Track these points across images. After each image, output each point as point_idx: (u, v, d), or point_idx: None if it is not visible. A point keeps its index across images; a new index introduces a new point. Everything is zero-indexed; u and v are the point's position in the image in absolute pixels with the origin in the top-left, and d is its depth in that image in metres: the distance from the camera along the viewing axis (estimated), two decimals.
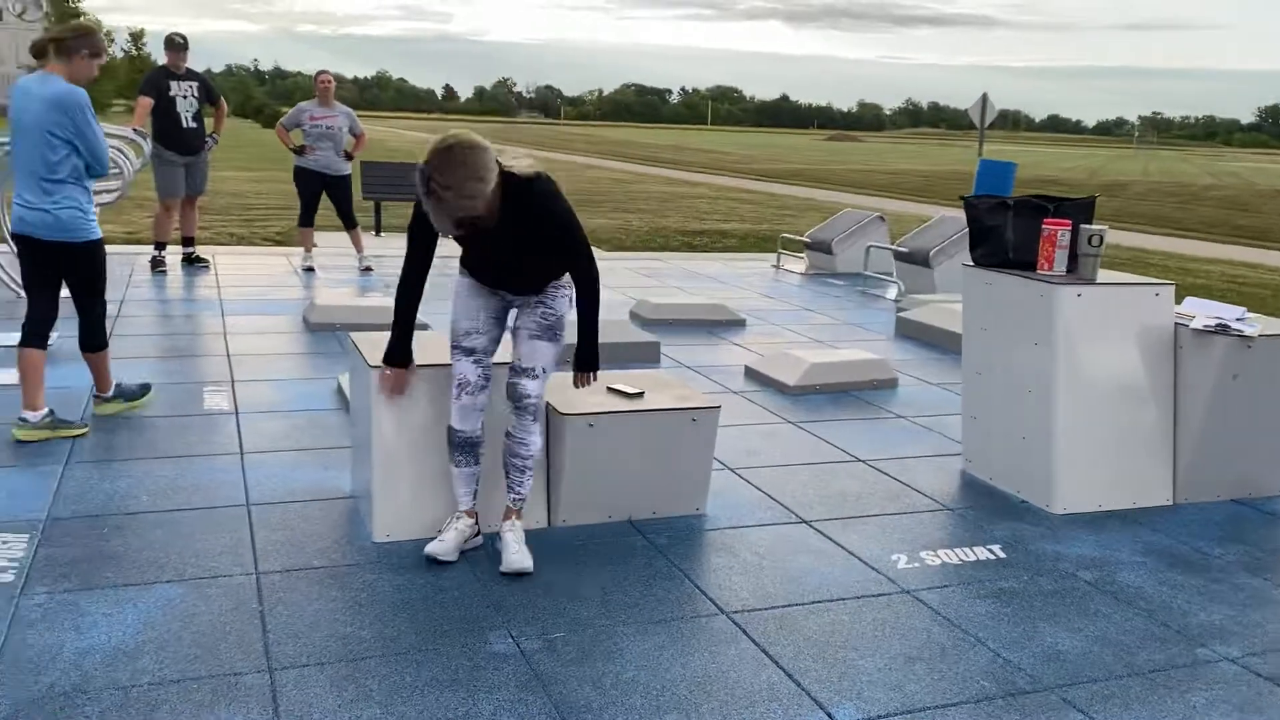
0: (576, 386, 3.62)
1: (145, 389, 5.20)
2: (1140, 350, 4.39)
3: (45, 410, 4.64)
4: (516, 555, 3.48)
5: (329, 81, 9.66)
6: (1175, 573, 3.79)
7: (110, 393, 5.07)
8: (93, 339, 4.89)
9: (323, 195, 9.70)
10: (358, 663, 2.89)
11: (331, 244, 10.92)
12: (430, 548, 3.52)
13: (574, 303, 3.48)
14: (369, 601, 3.26)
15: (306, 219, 9.83)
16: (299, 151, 9.58)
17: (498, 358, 3.63)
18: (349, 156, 9.72)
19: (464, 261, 3.54)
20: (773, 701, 2.81)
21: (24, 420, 4.60)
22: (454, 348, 3.53)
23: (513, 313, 3.60)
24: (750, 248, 13.68)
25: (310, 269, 9.80)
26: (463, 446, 3.54)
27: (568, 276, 3.51)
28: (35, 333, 4.67)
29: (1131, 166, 57.12)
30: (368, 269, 9.85)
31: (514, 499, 3.61)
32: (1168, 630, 3.34)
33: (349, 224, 9.88)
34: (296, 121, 9.61)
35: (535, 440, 3.55)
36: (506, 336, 3.65)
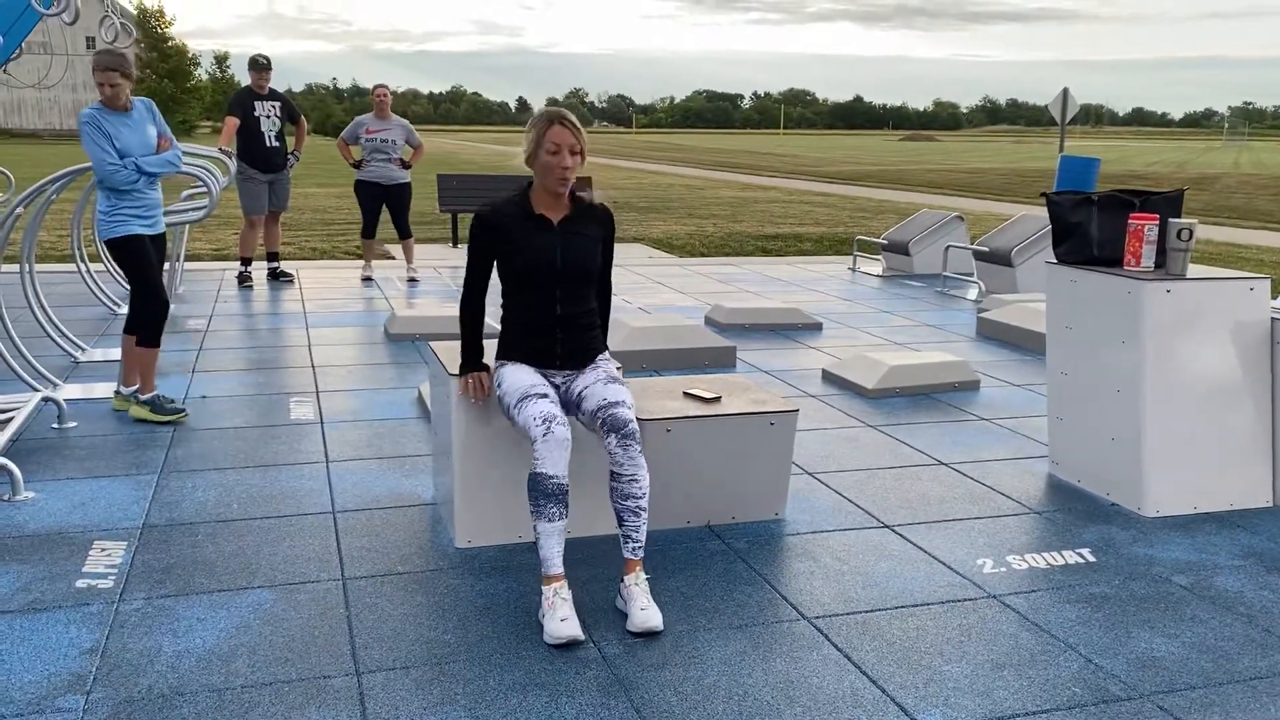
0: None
1: (178, 412, 5.27)
2: (1235, 346, 4.24)
3: (134, 387, 5.34)
4: (645, 612, 3.16)
5: (385, 95, 9.86)
6: (1276, 576, 3.65)
7: (146, 397, 5.26)
8: (143, 331, 5.25)
9: (383, 207, 9.90)
10: (443, 666, 2.93)
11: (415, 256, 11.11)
12: (561, 632, 3.07)
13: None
14: (452, 606, 3.30)
15: (369, 231, 10.04)
16: (357, 165, 9.81)
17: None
18: (406, 166, 9.90)
19: (510, 339, 3.49)
20: (857, 708, 2.77)
21: (117, 392, 5.44)
22: (522, 400, 3.31)
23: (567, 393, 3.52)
24: (825, 250, 13.56)
25: (368, 279, 10.01)
26: (556, 495, 3.17)
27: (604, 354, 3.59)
28: (130, 320, 5.35)
29: (1222, 159, 55.28)
30: (413, 280, 10.02)
31: (634, 548, 3.27)
32: (1269, 636, 3.22)
33: (403, 234, 10.07)
34: (354, 135, 9.82)
35: (646, 476, 3.28)
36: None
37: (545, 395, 3.33)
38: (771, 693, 2.83)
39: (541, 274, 3.39)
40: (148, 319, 5.22)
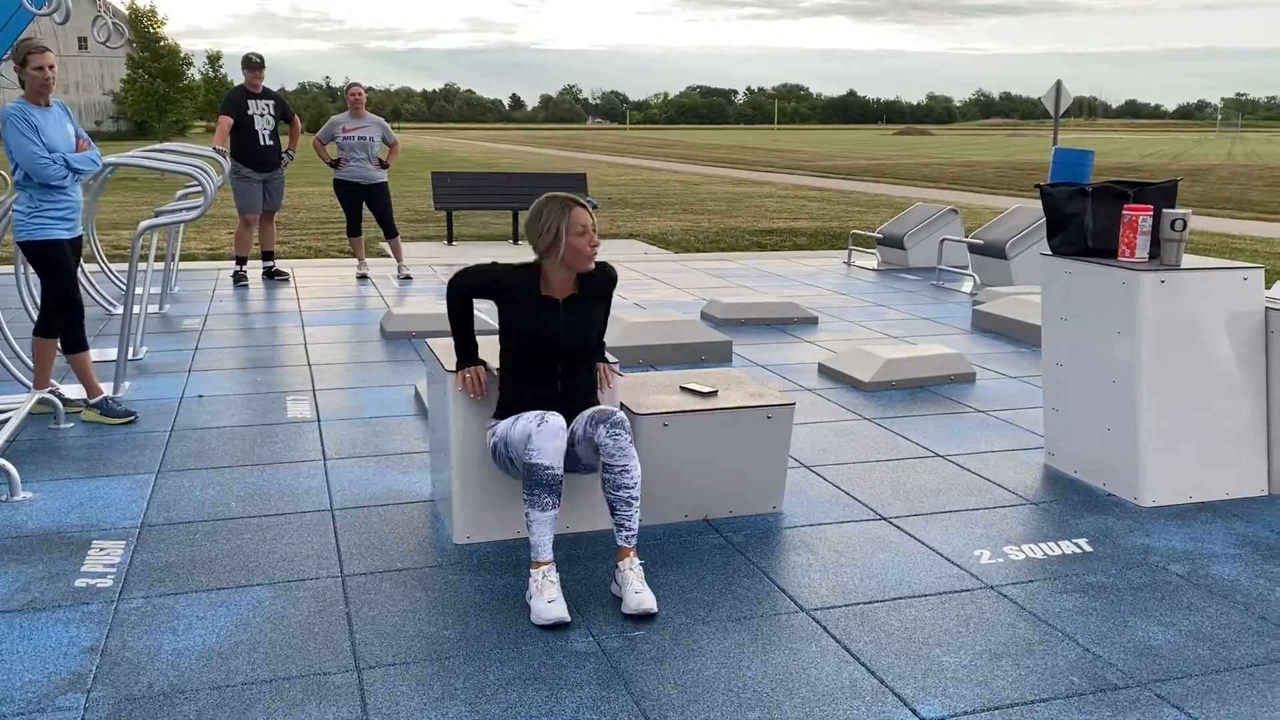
0: (605, 385, 3.73)
1: (127, 414, 5.25)
2: (1229, 336, 4.26)
3: (46, 390, 5.21)
4: (640, 595, 3.23)
5: (359, 93, 9.84)
6: (1272, 564, 3.67)
7: (94, 401, 5.23)
8: (64, 338, 5.19)
9: (363, 205, 9.88)
10: (443, 661, 2.94)
11: (409, 254, 11.10)
12: (548, 614, 3.14)
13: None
14: (452, 602, 3.31)
15: (353, 229, 10.03)
16: (335, 165, 9.78)
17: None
18: (384, 165, 9.88)
19: (511, 403, 3.51)
20: (855, 699, 2.78)
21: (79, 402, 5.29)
22: (517, 422, 3.38)
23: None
24: (821, 245, 13.57)
25: (364, 277, 10.00)
26: (550, 485, 3.22)
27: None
28: (42, 321, 5.25)
29: (1215, 150, 55.36)
30: (407, 277, 10.00)
31: (627, 536, 3.32)
32: (1265, 624, 3.23)
33: (388, 232, 10.04)
34: (330, 135, 9.79)
35: (637, 466, 3.32)
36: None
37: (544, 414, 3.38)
38: (770, 684, 2.84)
39: (544, 350, 3.48)
40: (66, 325, 5.12)
